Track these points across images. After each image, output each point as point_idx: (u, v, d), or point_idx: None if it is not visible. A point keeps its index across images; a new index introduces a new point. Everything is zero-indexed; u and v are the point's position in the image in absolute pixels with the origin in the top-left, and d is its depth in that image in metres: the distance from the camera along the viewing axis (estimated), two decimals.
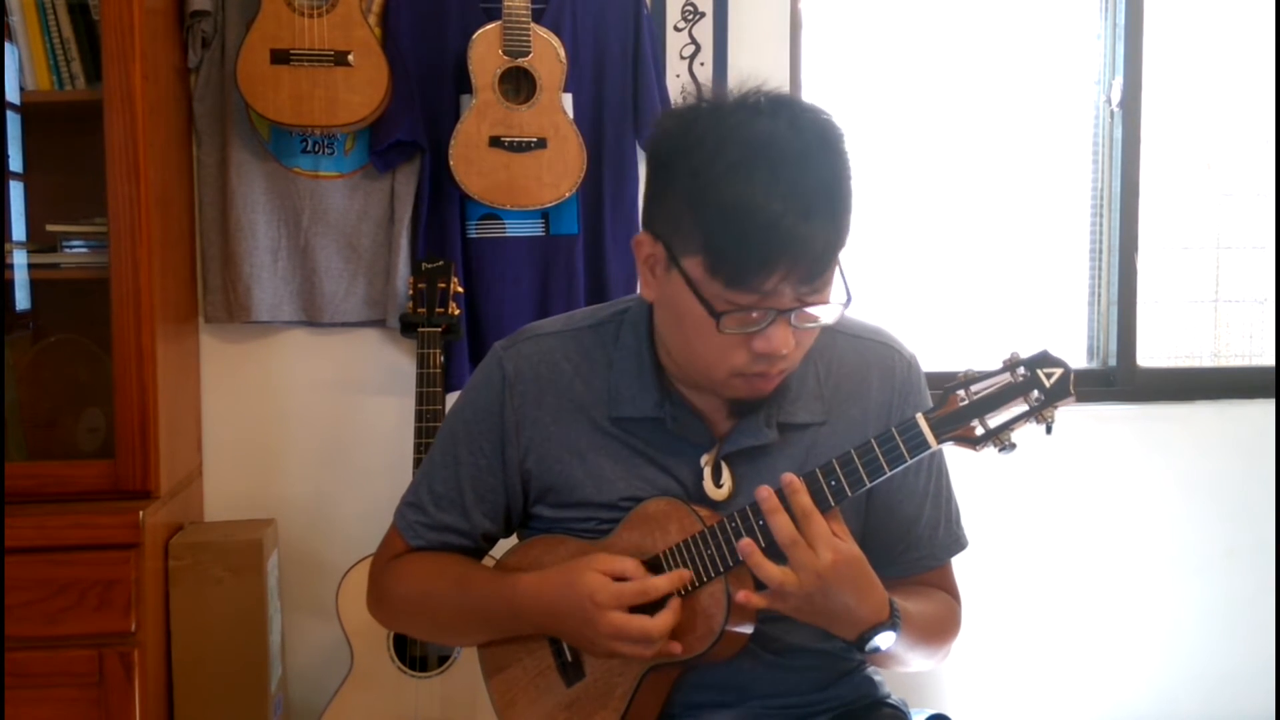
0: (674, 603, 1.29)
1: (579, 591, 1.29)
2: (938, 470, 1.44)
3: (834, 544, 1.22)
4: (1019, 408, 1.20)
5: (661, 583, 1.29)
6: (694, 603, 1.31)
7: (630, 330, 1.40)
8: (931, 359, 1.70)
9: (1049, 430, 1.20)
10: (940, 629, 1.41)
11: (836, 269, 1.25)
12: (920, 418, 1.22)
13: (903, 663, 1.37)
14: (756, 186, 1.18)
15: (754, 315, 1.22)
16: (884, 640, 1.27)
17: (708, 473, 1.36)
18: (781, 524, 1.21)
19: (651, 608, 1.29)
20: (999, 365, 1.22)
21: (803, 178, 1.19)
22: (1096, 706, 2.92)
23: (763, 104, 1.24)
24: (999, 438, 1.21)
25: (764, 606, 1.25)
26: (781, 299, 1.21)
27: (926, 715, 1.59)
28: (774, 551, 1.24)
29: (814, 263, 1.20)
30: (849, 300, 1.27)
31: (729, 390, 1.31)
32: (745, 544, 1.23)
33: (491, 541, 1.49)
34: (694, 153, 1.22)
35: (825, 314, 1.26)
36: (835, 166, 1.22)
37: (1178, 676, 2.95)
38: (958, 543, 1.46)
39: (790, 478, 1.23)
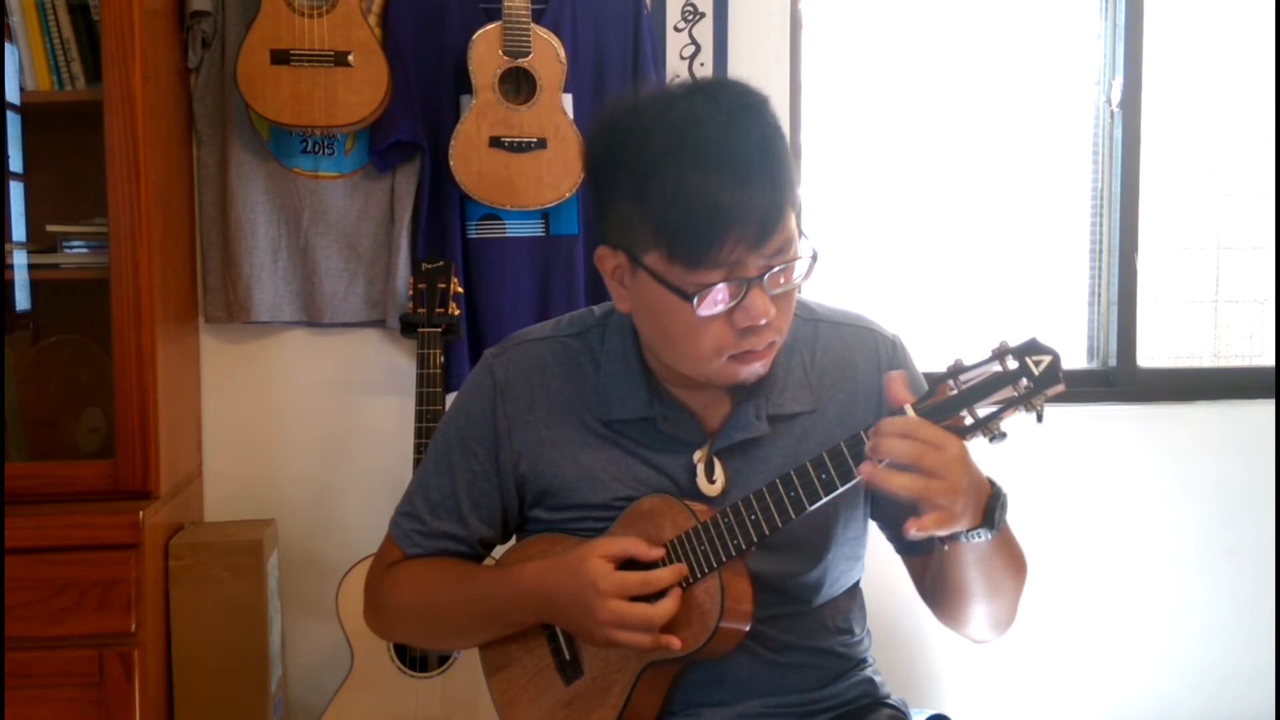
0: (675, 591, 1.29)
1: (581, 578, 1.29)
2: None
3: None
4: (1008, 396, 1.19)
5: (665, 575, 1.29)
6: (689, 598, 1.31)
7: (615, 333, 1.41)
8: (932, 359, 1.70)
9: (1039, 418, 1.19)
10: (1019, 552, 1.37)
11: (797, 234, 1.26)
12: (909, 407, 1.21)
13: (997, 570, 1.32)
14: (688, 166, 1.20)
15: (725, 290, 1.23)
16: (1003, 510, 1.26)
17: (700, 469, 1.36)
18: (922, 422, 1.19)
19: (652, 598, 1.29)
20: (988, 354, 1.21)
21: (730, 147, 1.21)
22: (1096, 706, 2.92)
23: (676, 91, 1.27)
24: (989, 427, 1.19)
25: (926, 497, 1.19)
26: (745, 268, 1.23)
27: (926, 715, 1.59)
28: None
29: (762, 223, 1.21)
30: (816, 255, 1.28)
31: (725, 377, 1.31)
32: (866, 468, 1.20)
33: (489, 547, 1.49)
34: (622, 152, 1.25)
35: (795, 272, 1.27)
36: (761, 130, 1.23)
37: (1178, 676, 2.94)
38: None
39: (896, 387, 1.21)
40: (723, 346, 1.26)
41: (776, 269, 1.24)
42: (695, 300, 1.22)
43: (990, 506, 1.24)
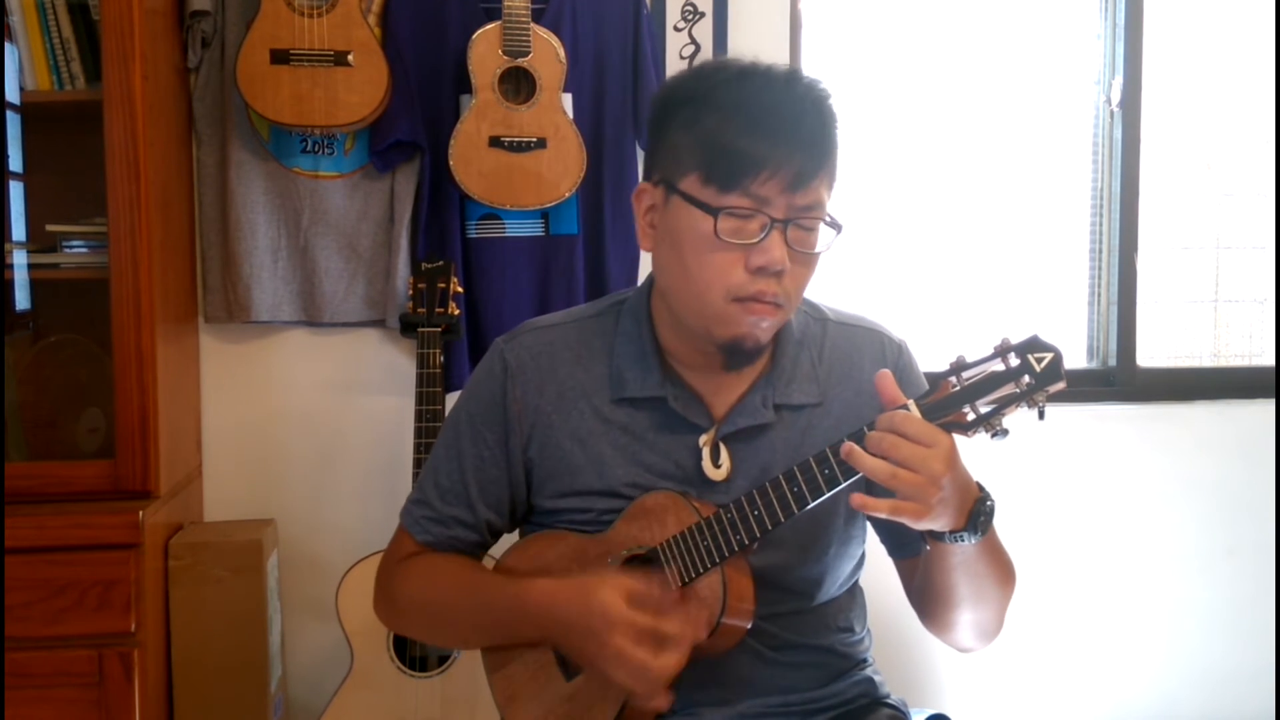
0: (684, 648, 1.26)
1: (593, 608, 1.27)
2: None
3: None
4: (1010, 393, 1.20)
5: (674, 626, 1.26)
6: (691, 594, 1.31)
7: (630, 317, 1.43)
8: (932, 358, 1.70)
9: (1041, 415, 1.20)
10: (1008, 562, 1.39)
11: (823, 221, 1.30)
12: (912, 404, 1.22)
13: (983, 577, 1.33)
14: (748, 94, 1.28)
15: (748, 222, 1.27)
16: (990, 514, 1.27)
17: (706, 453, 1.37)
18: (910, 417, 1.21)
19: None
20: (990, 351, 1.22)
21: (792, 93, 1.29)
22: (1096, 706, 2.92)
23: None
24: (990, 423, 1.21)
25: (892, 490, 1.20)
26: (773, 207, 1.27)
27: (926, 715, 1.59)
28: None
29: (799, 171, 1.26)
30: (840, 228, 1.31)
31: (728, 325, 1.31)
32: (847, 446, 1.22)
33: (497, 534, 1.50)
34: (691, 82, 1.34)
35: (819, 241, 1.31)
36: (820, 102, 1.31)
37: (1178, 676, 2.95)
38: None
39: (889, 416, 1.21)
40: (731, 284, 1.29)
41: (801, 220, 1.28)
42: (719, 217, 1.26)
43: (975, 511, 1.25)
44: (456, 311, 2.41)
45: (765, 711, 1.39)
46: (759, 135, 1.25)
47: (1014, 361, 1.20)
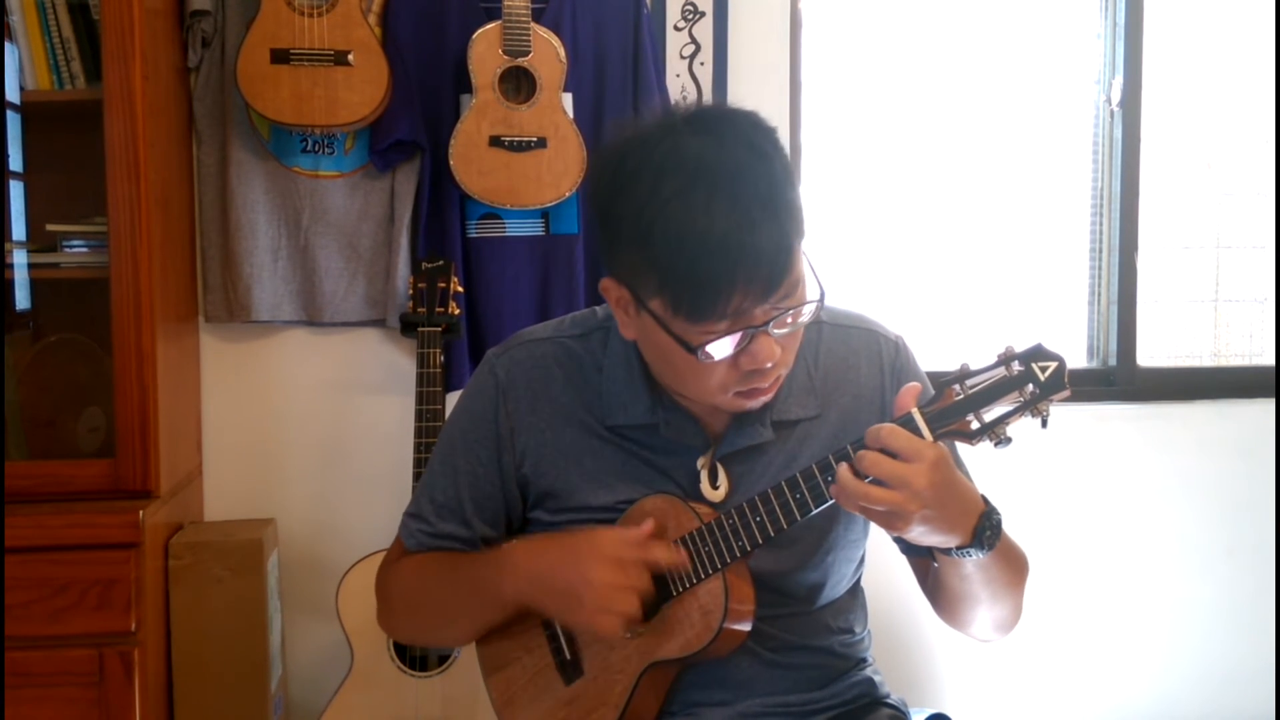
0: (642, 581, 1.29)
1: (581, 545, 1.28)
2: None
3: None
4: (1014, 401, 1.20)
5: (660, 552, 1.29)
6: (692, 599, 1.31)
7: (618, 338, 1.40)
8: (932, 358, 1.70)
9: (1044, 424, 1.19)
10: (1021, 559, 1.39)
11: (805, 265, 1.24)
12: (916, 412, 1.22)
13: (997, 580, 1.33)
14: (696, 214, 1.16)
15: (730, 341, 1.21)
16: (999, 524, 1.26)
17: (704, 475, 1.36)
18: (895, 430, 1.19)
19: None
20: (994, 359, 1.21)
21: (738, 193, 1.17)
22: (1096, 706, 2.92)
23: (680, 125, 1.23)
24: (994, 432, 1.20)
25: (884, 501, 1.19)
26: (751, 317, 1.20)
27: (926, 715, 1.59)
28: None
29: (770, 273, 1.19)
30: (823, 295, 1.26)
31: (731, 408, 1.31)
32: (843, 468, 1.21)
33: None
34: (631, 192, 1.21)
35: (803, 315, 1.25)
36: (769, 171, 1.20)
37: (1178, 676, 2.94)
38: None
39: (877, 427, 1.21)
40: (728, 385, 1.26)
41: (784, 313, 1.22)
42: (698, 353, 1.22)
43: (980, 527, 1.24)
44: (457, 311, 2.41)
45: (764, 711, 1.39)
46: (717, 252, 1.16)
47: (1018, 370, 1.19)
